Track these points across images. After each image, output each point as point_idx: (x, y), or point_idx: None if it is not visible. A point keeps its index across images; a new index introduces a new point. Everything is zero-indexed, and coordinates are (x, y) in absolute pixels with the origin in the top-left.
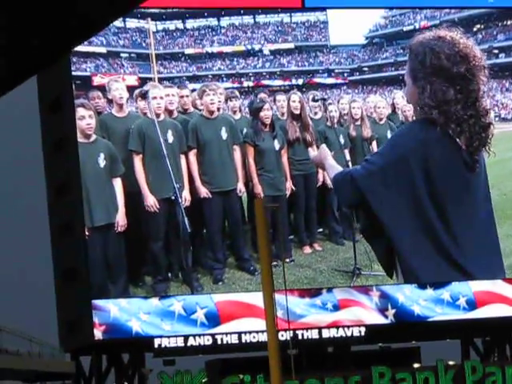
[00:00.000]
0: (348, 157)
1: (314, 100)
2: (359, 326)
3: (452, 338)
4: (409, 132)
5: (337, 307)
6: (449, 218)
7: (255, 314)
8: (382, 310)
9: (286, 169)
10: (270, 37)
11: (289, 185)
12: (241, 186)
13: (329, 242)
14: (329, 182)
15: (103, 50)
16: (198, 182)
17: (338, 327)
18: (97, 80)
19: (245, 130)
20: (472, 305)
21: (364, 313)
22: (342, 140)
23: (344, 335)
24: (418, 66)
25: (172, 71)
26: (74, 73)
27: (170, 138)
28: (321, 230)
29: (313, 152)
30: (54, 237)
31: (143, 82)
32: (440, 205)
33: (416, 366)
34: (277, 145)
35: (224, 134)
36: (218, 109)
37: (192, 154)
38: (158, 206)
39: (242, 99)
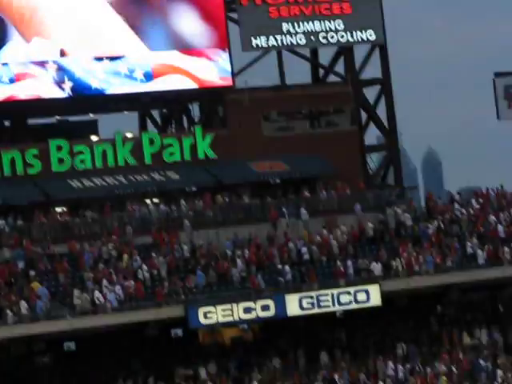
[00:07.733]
0: None
1: None
2: (36, 100)
3: (129, 111)
4: None
5: (12, 80)
6: None
7: None
8: (59, 83)
9: None
10: None
11: None
12: None
13: None
14: None
15: None
16: None
17: (14, 102)
18: None
19: None
20: (149, 76)
21: (40, 86)
22: None
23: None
24: None
25: None
26: None
27: None
28: None
29: None
30: None
31: None
32: None
33: (94, 138)
34: None
35: None
36: None
37: None
38: None
39: None
